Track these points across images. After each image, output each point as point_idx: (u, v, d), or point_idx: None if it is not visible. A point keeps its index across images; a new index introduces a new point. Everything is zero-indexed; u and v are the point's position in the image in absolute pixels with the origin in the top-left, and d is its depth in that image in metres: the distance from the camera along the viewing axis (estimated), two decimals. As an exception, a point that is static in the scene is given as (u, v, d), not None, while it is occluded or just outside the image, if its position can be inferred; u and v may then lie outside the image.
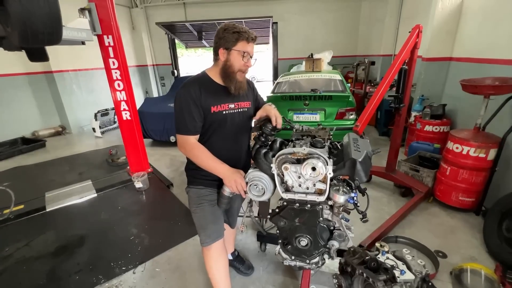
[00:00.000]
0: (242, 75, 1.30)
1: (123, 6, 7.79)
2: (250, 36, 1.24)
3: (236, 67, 1.26)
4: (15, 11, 1.06)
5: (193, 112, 1.25)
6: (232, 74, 1.27)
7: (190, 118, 1.25)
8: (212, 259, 1.46)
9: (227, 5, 7.95)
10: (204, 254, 1.48)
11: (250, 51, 1.27)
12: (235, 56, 1.25)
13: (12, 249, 2.32)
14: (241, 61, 1.26)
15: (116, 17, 2.88)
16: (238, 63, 1.26)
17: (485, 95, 2.33)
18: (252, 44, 1.27)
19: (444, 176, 2.59)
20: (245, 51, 1.24)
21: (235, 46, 1.23)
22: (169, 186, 3.35)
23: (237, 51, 1.24)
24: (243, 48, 1.24)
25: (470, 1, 3.30)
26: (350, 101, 3.57)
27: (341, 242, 1.24)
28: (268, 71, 8.30)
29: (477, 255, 2.05)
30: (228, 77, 1.28)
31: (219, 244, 1.44)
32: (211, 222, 1.41)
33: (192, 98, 1.24)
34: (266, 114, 1.35)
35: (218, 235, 1.44)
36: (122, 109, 3.21)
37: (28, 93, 5.56)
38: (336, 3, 7.72)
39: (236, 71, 1.27)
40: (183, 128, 1.27)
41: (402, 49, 2.42)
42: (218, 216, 1.45)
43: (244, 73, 1.30)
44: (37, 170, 4.10)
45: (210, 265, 1.48)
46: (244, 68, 1.28)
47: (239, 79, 1.29)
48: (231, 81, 1.28)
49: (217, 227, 1.44)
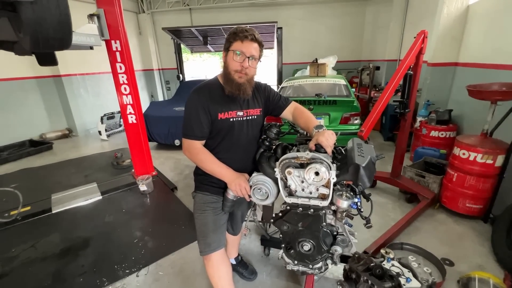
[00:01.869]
0: (240, 76, 1.23)
1: (131, 11, 7.95)
2: (244, 35, 1.19)
3: (231, 68, 1.23)
4: (27, 17, 1.10)
5: (201, 117, 1.25)
6: (229, 76, 1.24)
7: (198, 123, 1.25)
8: (212, 268, 1.44)
9: (233, 11, 8.04)
10: (204, 263, 1.46)
11: (246, 50, 1.20)
12: (231, 57, 1.22)
13: (18, 250, 2.35)
14: (235, 61, 1.21)
15: (124, 22, 2.94)
16: (233, 63, 1.22)
17: (492, 100, 2.31)
18: (248, 43, 1.20)
19: (451, 182, 2.55)
20: (239, 50, 1.20)
21: (231, 46, 1.22)
22: (173, 189, 3.37)
23: (232, 51, 1.21)
24: (237, 48, 1.20)
25: (476, 7, 3.29)
26: (355, 106, 3.57)
27: (344, 247, 1.23)
28: (272, 75, 8.33)
29: (485, 263, 2.00)
30: (226, 78, 1.26)
31: (219, 253, 1.41)
32: (212, 230, 1.38)
33: (201, 103, 1.24)
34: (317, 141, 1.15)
35: (218, 245, 1.40)
36: (128, 112, 3.25)
37: (37, 97, 5.69)
38: (341, 8, 7.76)
39: (232, 72, 1.23)
40: (190, 132, 1.28)
41: (407, 54, 2.42)
42: (220, 226, 1.42)
43: (241, 74, 1.23)
44: (44, 172, 4.16)
45: (211, 273, 1.46)
46: (239, 68, 1.22)
47: (237, 81, 1.23)
48: (228, 83, 1.25)
49: (217, 237, 1.40)
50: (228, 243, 1.92)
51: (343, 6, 7.72)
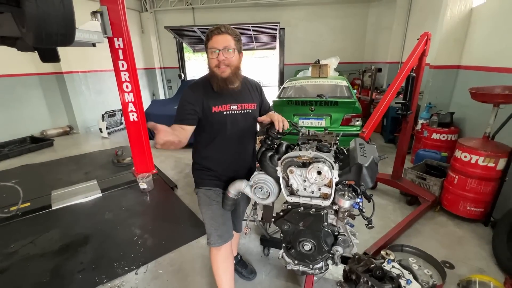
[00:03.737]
0: (222, 71, 1.27)
1: (134, 10, 7.96)
2: (212, 31, 1.25)
3: (211, 65, 1.29)
4: (31, 13, 1.09)
5: (186, 107, 1.30)
6: (213, 73, 1.30)
7: (182, 110, 1.30)
8: (219, 260, 1.47)
9: (235, 10, 8.05)
10: (212, 255, 1.48)
11: (217, 45, 1.24)
12: (209, 55, 1.29)
13: (17, 246, 2.34)
14: (211, 58, 1.27)
15: (127, 20, 2.94)
16: (211, 61, 1.28)
17: (494, 103, 2.30)
18: (217, 37, 1.24)
19: (452, 185, 2.54)
20: (211, 47, 1.26)
21: (207, 45, 1.28)
22: (173, 188, 3.36)
23: (208, 49, 1.28)
24: (209, 45, 1.26)
25: (479, 10, 3.28)
26: (356, 107, 3.56)
27: (346, 247, 1.23)
28: (274, 76, 8.33)
29: (485, 267, 1.99)
30: (212, 77, 1.31)
31: (228, 245, 1.45)
32: (222, 223, 1.42)
33: (192, 97, 1.30)
34: (270, 119, 1.34)
35: (229, 236, 1.45)
36: (129, 110, 3.25)
37: (39, 93, 5.69)
38: (344, 10, 7.75)
39: (213, 69, 1.29)
40: (177, 117, 1.32)
41: (410, 56, 2.41)
42: (228, 218, 1.46)
43: (221, 68, 1.26)
44: (44, 168, 4.16)
45: (218, 265, 1.48)
46: (216, 62, 1.26)
47: (220, 75, 1.27)
48: (213, 80, 1.31)
49: (228, 229, 1.45)
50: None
51: (346, 7, 7.72)
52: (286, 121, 1.35)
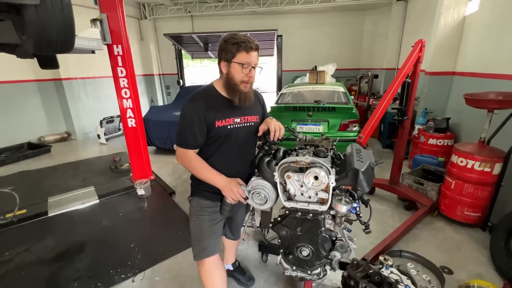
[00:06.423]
0: (246, 86, 1.26)
1: (133, 17, 8.05)
2: (249, 45, 1.19)
3: (237, 79, 1.24)
4: (31, 20, 1.11)
5: (195, 127, 1.24)
6: (235, 86, 1.25)
7: (192, 133, 1.25)
8: (205, 274, 1.40)
9: (233, 18, 8.16)
10: (198, 268, 1.43)
11: (252, 61, 1.22)
12: (236, 68, 1.22)
13: (12, 253, 2.31)
14: (241, 72, 1.22)
15: (126, 28, 2.98)
16: (239, 75, 1.23)
17: (489, 109, 2.33)
18: (253, 53, 1.22)
19: (449, 190, 2.55)
20: (245, 62, 1.21)
21: (235, 58, 1.21)
22: (171, 194, 3.35)
23: (237, 63, 1.21)
24: (243, 59, 1.20)
25: (472, 17, 3.36)
26: (354, 113, 3.59)
27: (343, 253, 1.23)
28: (272, 82, 8.40)
29: (484, 272, 1.99)
30: (231, 89, 1.26)
31: (213, 259, 1.39)
32: (207, 235, 1.37)
33: (197, 112, 1.23)
34: (267, 126, 1.34)
35: (213, 250, 1.38)
36: (128, 116, 3.26)
37: (37, 99, 5.69)
38: (341, 17, 7.89)
39: (238, 83, 1.24)
40: (183, 141, 1.28)
41: (405, 63, 2.45)
42: (215, 231, 1.41)
43: (247, 83, 1.26)
44: (41, 175, 4.13)
45: (205, 279, 1.42)
46: (246, 79, 1.24)
47: (243, 90, 1.25)
48: (234, 93, 1.26)
49: (212, 242, 1.39)
50: (225, 249, 1.91)
51: (343, 15, 7.86)
52: (283, 128, 1.34)
